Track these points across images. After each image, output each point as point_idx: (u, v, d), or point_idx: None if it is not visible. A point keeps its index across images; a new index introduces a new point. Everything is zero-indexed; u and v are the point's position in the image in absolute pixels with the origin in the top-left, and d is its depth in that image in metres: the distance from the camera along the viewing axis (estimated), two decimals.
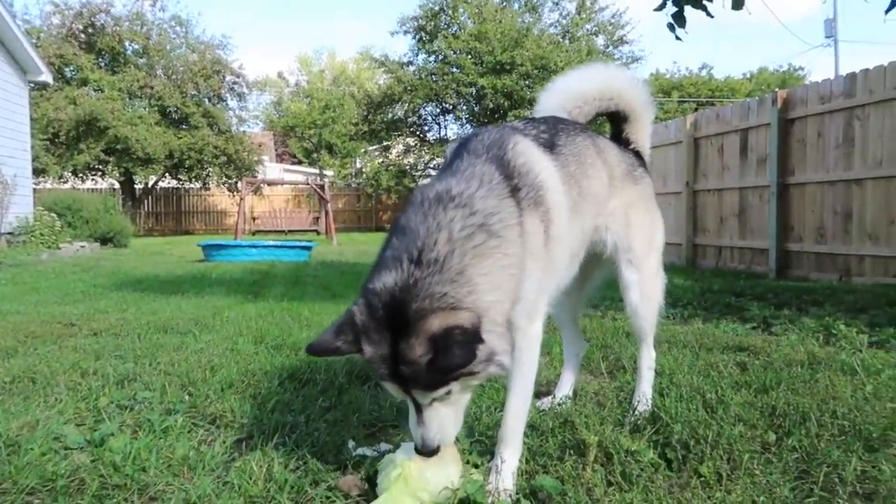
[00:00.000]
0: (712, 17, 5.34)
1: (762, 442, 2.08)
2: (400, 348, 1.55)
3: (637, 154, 2.59)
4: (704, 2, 5.29)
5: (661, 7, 5.35)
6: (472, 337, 1.53)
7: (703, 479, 1.81)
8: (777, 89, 9.09)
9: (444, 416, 1.66)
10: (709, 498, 1.69)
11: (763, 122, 8.81)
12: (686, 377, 2.82)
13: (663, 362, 3.14)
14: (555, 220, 1.89)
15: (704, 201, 10.14)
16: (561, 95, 2.52)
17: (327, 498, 1.75)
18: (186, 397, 2.67)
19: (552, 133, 2.12)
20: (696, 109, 30.32)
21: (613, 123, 2.62)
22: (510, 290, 1.70)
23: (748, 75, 40.96)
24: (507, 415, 1.88)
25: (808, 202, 8.19)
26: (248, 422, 2.38)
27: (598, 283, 2.71)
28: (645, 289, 2.38)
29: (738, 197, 9.43)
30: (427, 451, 1.67)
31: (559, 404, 2.54)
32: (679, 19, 5.33)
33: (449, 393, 1.63)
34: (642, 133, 2.61)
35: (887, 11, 4.32)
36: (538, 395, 2.62)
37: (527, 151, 1.92)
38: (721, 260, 9.82)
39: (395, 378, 1.60)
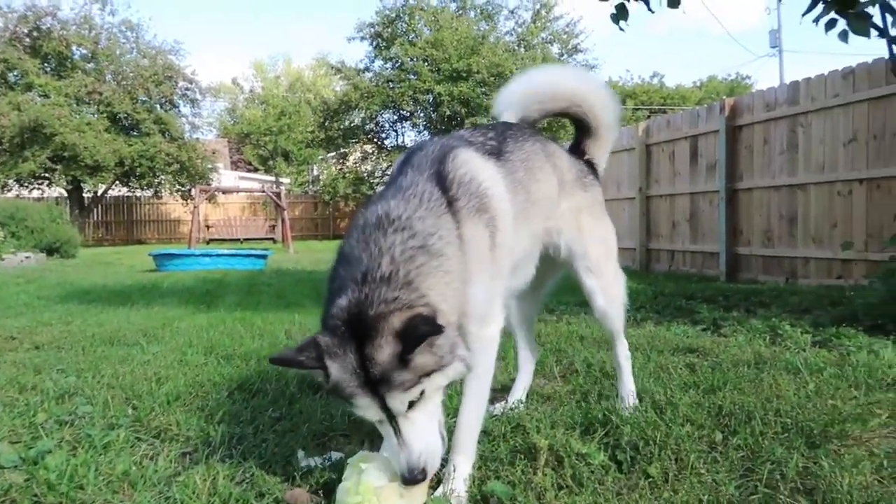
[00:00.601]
0: (653, 11, 5.44)
1: (709, 441, 2.11)
2: (367, 353, 1.54)
3: (589, 163, 2.62)
4: None
5: None
6: (433, 320, 1.57)
7: (651, 479, 1.83)
8: (725, 97, 9.36)
9: (426, 429, 1.62)
10: (656, 498, 1.70)
11: (712, 129, 9.04)
12: (637, 379, 2.86)
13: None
14: (500, 226, 1.91)
15: (657, 206, 10.35)
16: (532, 89, 2.56)
17: None
18: (130, 411, 2.58)
19: (500, 140, 2.15)
20: (648, 116, 30.95)
21: (578, 131, 2.67)
22: (455, 303, 1.73)
23: (698, 83, 42.12)
24: (461, 421, 1.87)
25: (756, 207, 8.43)
26: (193, 435, 2.31)
27: (551, 288, 2.76)
28: (609, 292, 2.47)
29: (689, 202, 9.65)
30: (413, 476, 1.58)
31: (512, 408, 2.54)
32: (622, 11, 5.45)
33: (423, 394, 1.60)
34: (600, 151, 2.67)
35: (804, 14, 4.47)
36: (492, 400, 2.62)
37: (469, 161, 1.94)
38: (674, 263, 10.03)
39: (368, 387, 1.56)
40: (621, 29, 5.57)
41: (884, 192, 6.70)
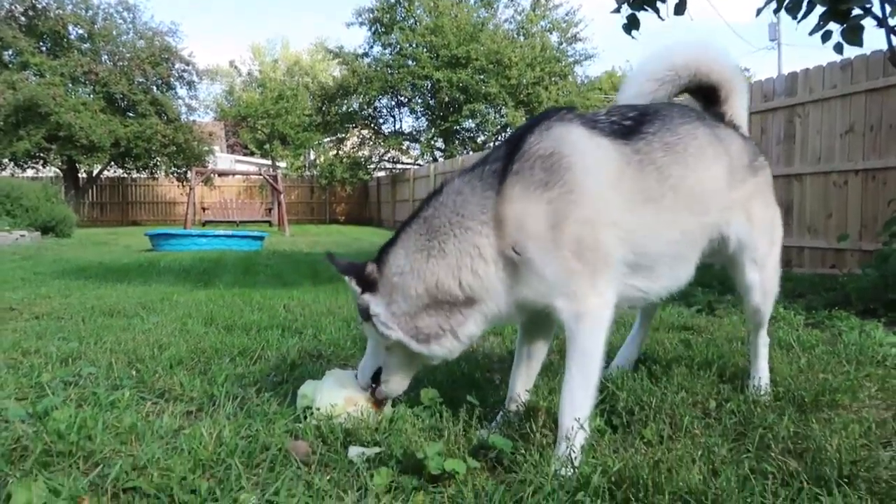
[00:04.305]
0: (663, 19, 5.55)
1: (703, 408, 2.16)
2: None
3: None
4: (658, 4, 5.50)
5: (617, 10, 5.57)
6: (362, 275, 1.94)
7: (646, 440, 1.88)
8: None
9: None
10: (651, 456, 1.74)
11: None
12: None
13: (613, 341, 3.22)
14: (581, 201, 1.80)
15: None
16: (650, 70, 2.34)
17: (279, 460, 1.75)
18: (134, 373, 2.62)
19: (641, 120, 2.00)
20: None
21: (706, 103, 2.40)
22: (431, 279, 1.86)
23: None
24: (562, 401, 1.81)
25: None
26: (197, 395, 2.35)
27: None
28: (766, 287, 2.35)
29: None
30: None
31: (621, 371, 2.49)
32: (633, 21, 5.56)
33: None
34: (741, 111, 2.40)
35: (799, 21, 4.55)
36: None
37: (562, 136, 1.86)
38: None
39: None
40: (633, 37, 5.68)
41: (879, 184, 6.75)
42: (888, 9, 4.56)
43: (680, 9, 5.51)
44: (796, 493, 1.54)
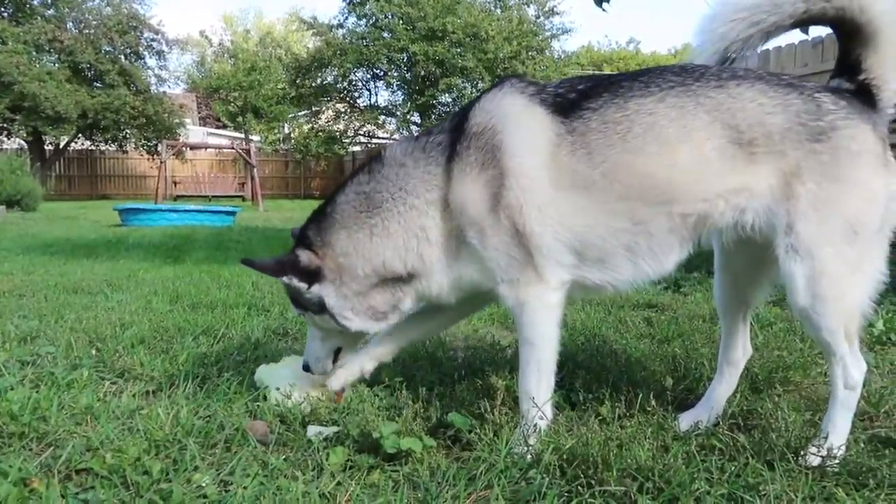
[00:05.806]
0: None
1: (660, 386, 2.20)
2: None
3: (863, 90, 1.73)
4: None
5: None
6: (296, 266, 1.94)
7: (601, 418, 1.92)
8: None
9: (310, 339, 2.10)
10: (604, 433, 1.78)
11: None
12: (596, 330, 2.95)
13: (576, 318, 3.27)
14: (512, 186, 1.72)
15: None
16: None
17: (236, 440, 1.75)
18: (93, 352, 2.60)
19: (588, 92, 1.78)
20: None
21: (842, 41, 1.79)
22: (379, 259, 1.87)
23: (673, 51, 42.16)
24: (519, 388, 1.84)
25: None
26: (157, 375, 2.33)
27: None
28: (818, 289, 1.65)
29: None
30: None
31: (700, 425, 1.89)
32: None
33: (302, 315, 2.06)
34: (885, 58, 1.73)
35: None
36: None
37: (495, 110, 1.79)
38: None
39: None
40: (604, 10, 5.65)
41: None
42: None
43: None
44: (742, 467, 1.59)
